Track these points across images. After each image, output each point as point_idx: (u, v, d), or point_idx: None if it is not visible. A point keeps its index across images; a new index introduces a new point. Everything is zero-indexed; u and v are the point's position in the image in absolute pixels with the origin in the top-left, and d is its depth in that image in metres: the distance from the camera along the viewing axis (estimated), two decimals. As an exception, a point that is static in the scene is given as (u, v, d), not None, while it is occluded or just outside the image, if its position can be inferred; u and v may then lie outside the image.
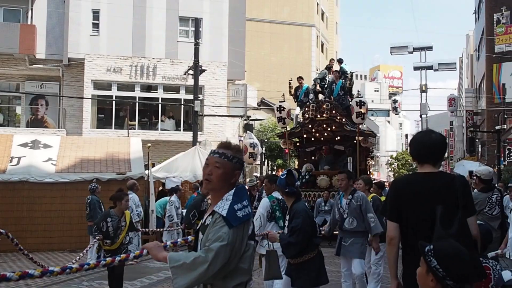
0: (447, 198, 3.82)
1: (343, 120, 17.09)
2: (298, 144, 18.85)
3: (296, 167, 19.28)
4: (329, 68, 19.52)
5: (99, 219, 8.58)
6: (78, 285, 10.04)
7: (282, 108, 17.32)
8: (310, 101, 18.30)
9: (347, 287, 7.95)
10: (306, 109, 17.59)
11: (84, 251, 8.81)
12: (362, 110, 16.33)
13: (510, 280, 4.34)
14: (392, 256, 4.12)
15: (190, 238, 5.57)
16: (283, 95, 17.89)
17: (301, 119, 18.01)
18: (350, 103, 17.12)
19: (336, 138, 17.67)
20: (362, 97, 17.14)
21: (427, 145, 4.12)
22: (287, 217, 6.24)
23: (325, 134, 17.67)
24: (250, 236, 3.26)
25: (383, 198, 10.12)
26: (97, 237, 8.19)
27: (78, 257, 8.44)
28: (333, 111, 17.11)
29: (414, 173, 4.44)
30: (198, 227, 3.40)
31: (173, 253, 3.16)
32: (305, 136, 17.94)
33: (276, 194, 7.63)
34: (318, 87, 19.16)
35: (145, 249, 3.48)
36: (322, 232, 8.48)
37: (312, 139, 18.21)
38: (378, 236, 7.86)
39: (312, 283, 6.08)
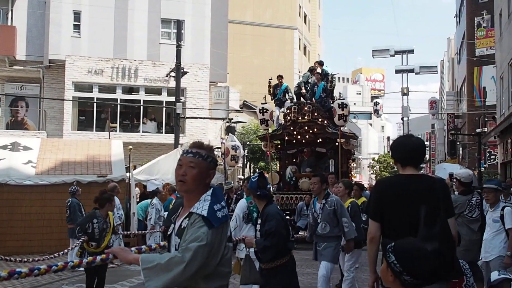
0: (429, 200, 3.88)
1: (325, 122, 17.06)
2: (279, 146, 18.78)
3: (278, 170, 19.24)
4: (311, 70, 19.46)
5: (84, 220, 8.36)
6: (58, 288, 9.95)
7: (265, 110, 17.23)
8: (288, 99, 18.28)
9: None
10: (288, 111, 17.55)
11: (61, 252, 8.01)
12: (344, 112, 16.29)
13: (495, 280, 4.49)
14: (372, 253, 4.23)
15: (153, 245, 5.52)
16: (265, 97, 17.83)
17: (282, 121, 17.98)
18: (332, 105, 17.11)
19: (318, 140, 17.64)
20: (344, 99, 17.10)
21: (408, 148, 4.27)
22: (259, 221, 6.08)
23: (307, 136, 17.65)
24: (228, 238, 3.19)
25: (362, 200, 10.13)
26: (82, 238, 7.95)
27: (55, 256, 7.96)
28: (315, 113, 17.06)
29: (396, 175, 4.49)
30: (170, 232, 3.28)
31: (146, 254, 3.08)
32: (286, 138, 17.87)
33: None
34: (303, 90, 19.05)
35: (111, 253, 3.41)
36: (300, 235, 8.37)
37: (294, 141, 18.16)
38: (352, 241, 7.78)
39: None
